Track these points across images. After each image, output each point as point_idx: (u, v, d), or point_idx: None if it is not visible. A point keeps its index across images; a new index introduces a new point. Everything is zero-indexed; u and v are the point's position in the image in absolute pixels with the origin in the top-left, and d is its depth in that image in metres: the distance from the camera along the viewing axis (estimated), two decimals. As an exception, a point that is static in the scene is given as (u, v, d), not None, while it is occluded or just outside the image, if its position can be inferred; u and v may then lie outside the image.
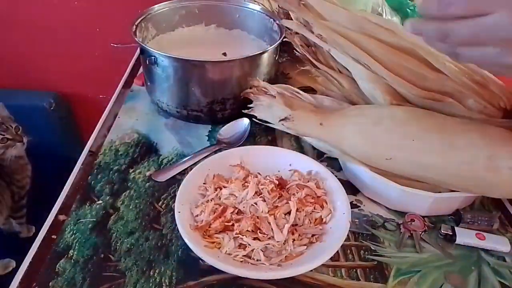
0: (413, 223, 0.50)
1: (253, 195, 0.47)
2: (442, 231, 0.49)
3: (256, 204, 0.47)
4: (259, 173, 0.51)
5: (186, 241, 0.42)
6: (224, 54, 0.70)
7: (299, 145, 0.62)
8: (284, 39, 0.64)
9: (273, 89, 0.58)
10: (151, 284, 0.42)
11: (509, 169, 0.45)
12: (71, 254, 0.44)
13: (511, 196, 0.50)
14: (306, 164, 0.53)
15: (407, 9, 0.94)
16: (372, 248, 0.47)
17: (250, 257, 0.43)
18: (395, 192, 0.50)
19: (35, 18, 1.20)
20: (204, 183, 0.50)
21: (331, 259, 0.44)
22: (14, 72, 1.32)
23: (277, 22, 0.69)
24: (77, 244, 0.45)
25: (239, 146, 0.59)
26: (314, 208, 0.47)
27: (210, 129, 0.64)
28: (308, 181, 0.50)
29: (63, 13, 1.20)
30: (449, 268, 0.46)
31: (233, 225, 0.45)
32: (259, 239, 0.44)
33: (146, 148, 0.60)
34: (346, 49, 0.55)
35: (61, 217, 0.48)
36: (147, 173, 0.55)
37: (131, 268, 0.43)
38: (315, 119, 0.54)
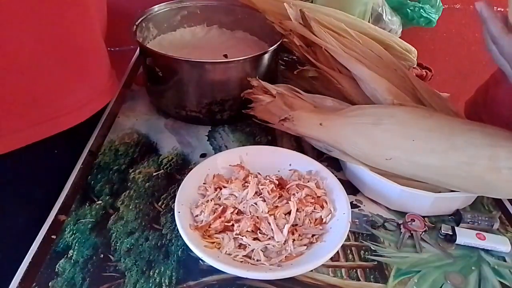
0: (413, 223, 0.49)
1: (253, 195, 0.47)
2: (442, 231, 0.49)
3: (256, 204, 0.46)
4: (259, 173, 0.51)
5: (186, 241, 0.42)
6: (225, 56, 0.70)
7: (299, 145, 0.62)
8: (285, 40, 0.64)
9: (273, 89, 0.58)
10: (151, 284, 0.42)
11: (509, 169, 0.45)
12: (71, 254, 0.44)
13: (511, 196, 0.50)
14: (306, 164, 0.53)
15: (407, 9, 0.94)
16: (372, 248, 0.47)
17: (250, 257, 0.43)
18: (395, 192, 0.50)
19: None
20: (204, 183, 0.50)
21: (331, 259, 0.44)
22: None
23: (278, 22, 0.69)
24: (76, 244, 0.45)
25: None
26: (314, 208, 0.47)
27: (210, 129, 0.64)
28: (308, 181, 0.50)
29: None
30: (449, 268, 0.45)
31: (233, 225, 0.44)
32: (259, 239, 0.44)
33: (146, 148, 0.60)
34: (346, 49, 0.55)
35: (61, 217, 0.48)
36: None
37: (131, 268, 0.43)
38: (315, 119, 0.54)
